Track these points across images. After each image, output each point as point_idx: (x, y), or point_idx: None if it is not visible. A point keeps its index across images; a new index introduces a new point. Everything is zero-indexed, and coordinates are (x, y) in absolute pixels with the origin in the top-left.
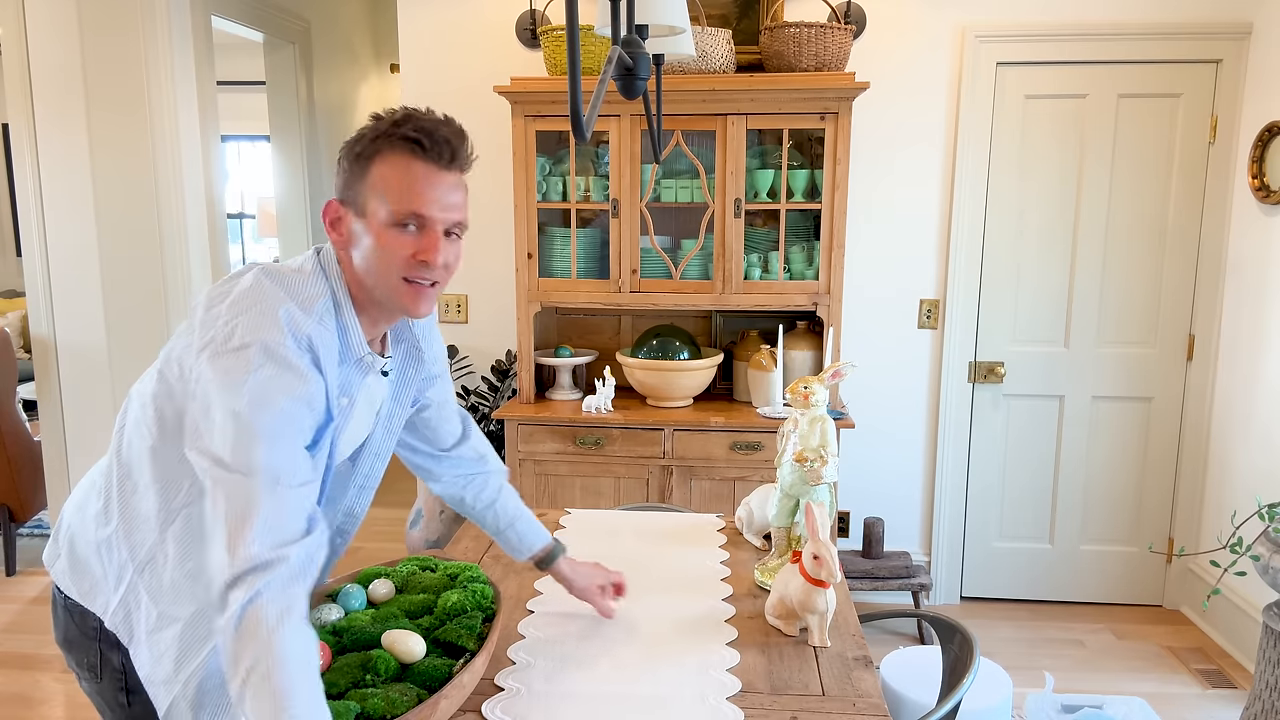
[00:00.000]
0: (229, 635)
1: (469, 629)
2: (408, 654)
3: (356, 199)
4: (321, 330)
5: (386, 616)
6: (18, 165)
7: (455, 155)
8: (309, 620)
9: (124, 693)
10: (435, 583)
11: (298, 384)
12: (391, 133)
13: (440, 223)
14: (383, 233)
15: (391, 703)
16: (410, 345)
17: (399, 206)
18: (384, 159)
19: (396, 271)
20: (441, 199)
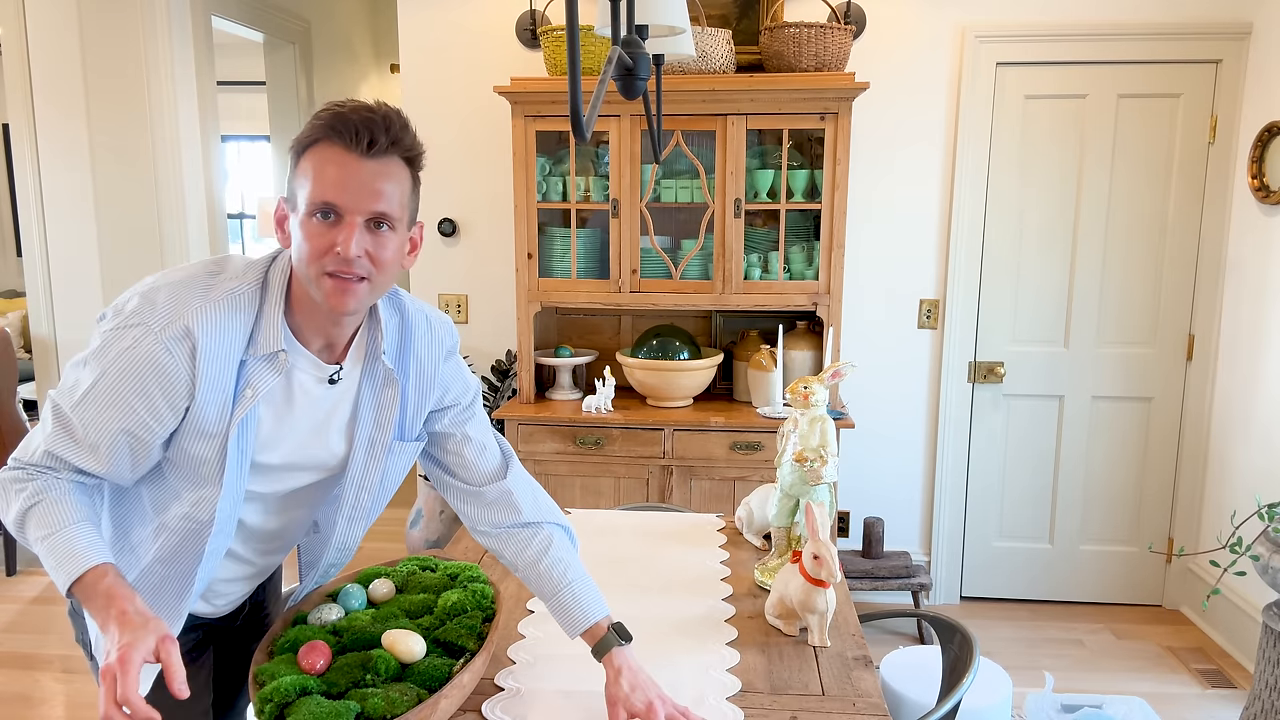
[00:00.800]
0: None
1: (469, 629)
2: (408, 654)
3: (292, 195)
4: (211, 313)
5: (386, 616)
6: (18, 165)
7: (374, 142)
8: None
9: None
10: (435, 583)
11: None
12: (315, 123)
13: (355, 212)
14: (304, 224)
15: (391, 702)
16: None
17: (313, 196)
18: (310, 151)
19: (317, 265)
20: (355, 185)
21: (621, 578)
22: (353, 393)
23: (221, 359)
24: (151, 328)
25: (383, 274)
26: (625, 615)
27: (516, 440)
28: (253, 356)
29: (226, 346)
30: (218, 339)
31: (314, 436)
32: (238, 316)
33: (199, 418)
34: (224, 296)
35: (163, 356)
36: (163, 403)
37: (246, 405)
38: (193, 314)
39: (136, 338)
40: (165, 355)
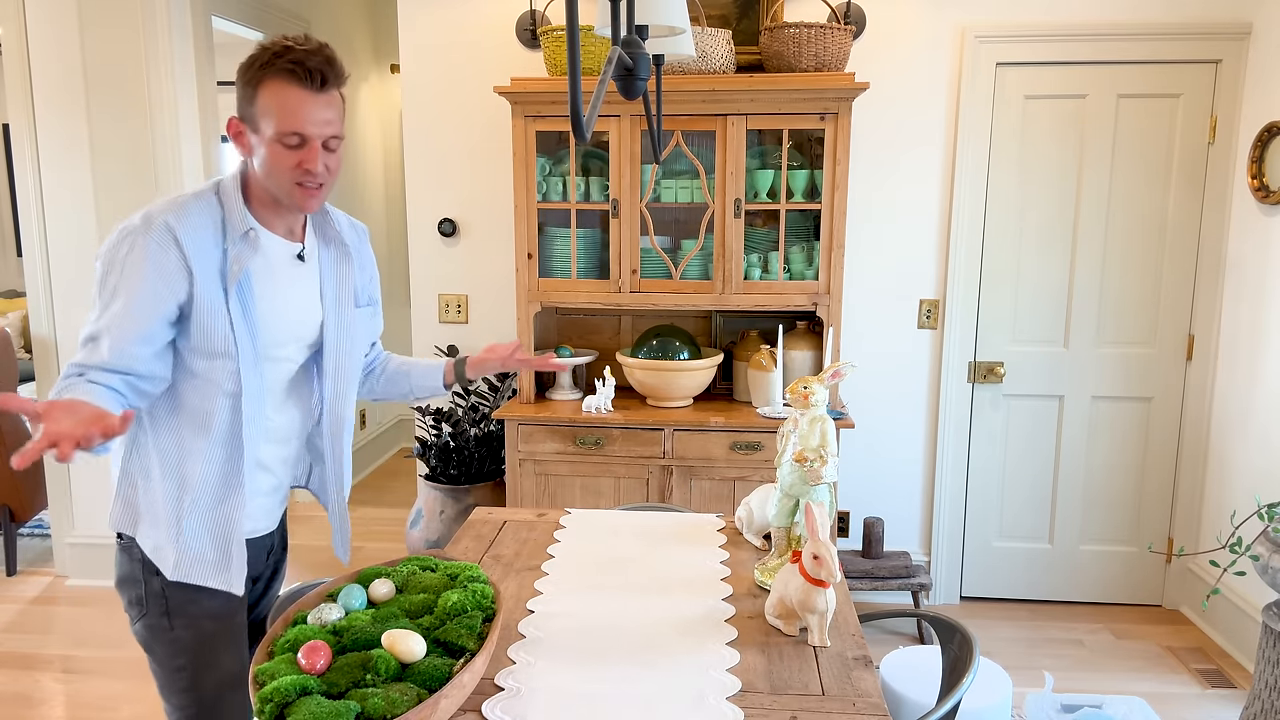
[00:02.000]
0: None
1: (469, 629)
2: (408, 654)
3: (251, 118)
4: (183, 214)
5: (387, 616)
6: (18, 165)
7: (326, 80)
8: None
9: (165, 616)
10: (435, 583)
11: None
12: (272, 63)
13: (317, 138)
14: (272, 148)
15: (392, 702)
16: (338, 246)
17: (282, 128)
18: (268, 86)
19: (288, 179)
20: (317, 118)
21: (621, 578)
22: (317, 269)
23: (203, 244)
24: (138, 234)
25: (332, 180)
26: (625, 615)
27: (516, 440)
28: (231, 242)
29: (204, 234)
30: (194, 228)
31: (297, 310)
32: (205, 211)
33: (202, 295)
34: (188, 199)
35: (157, 252)
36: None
37: (236, 275)
38: (168, 215)
39: (131, 244)
40: (159, 250)
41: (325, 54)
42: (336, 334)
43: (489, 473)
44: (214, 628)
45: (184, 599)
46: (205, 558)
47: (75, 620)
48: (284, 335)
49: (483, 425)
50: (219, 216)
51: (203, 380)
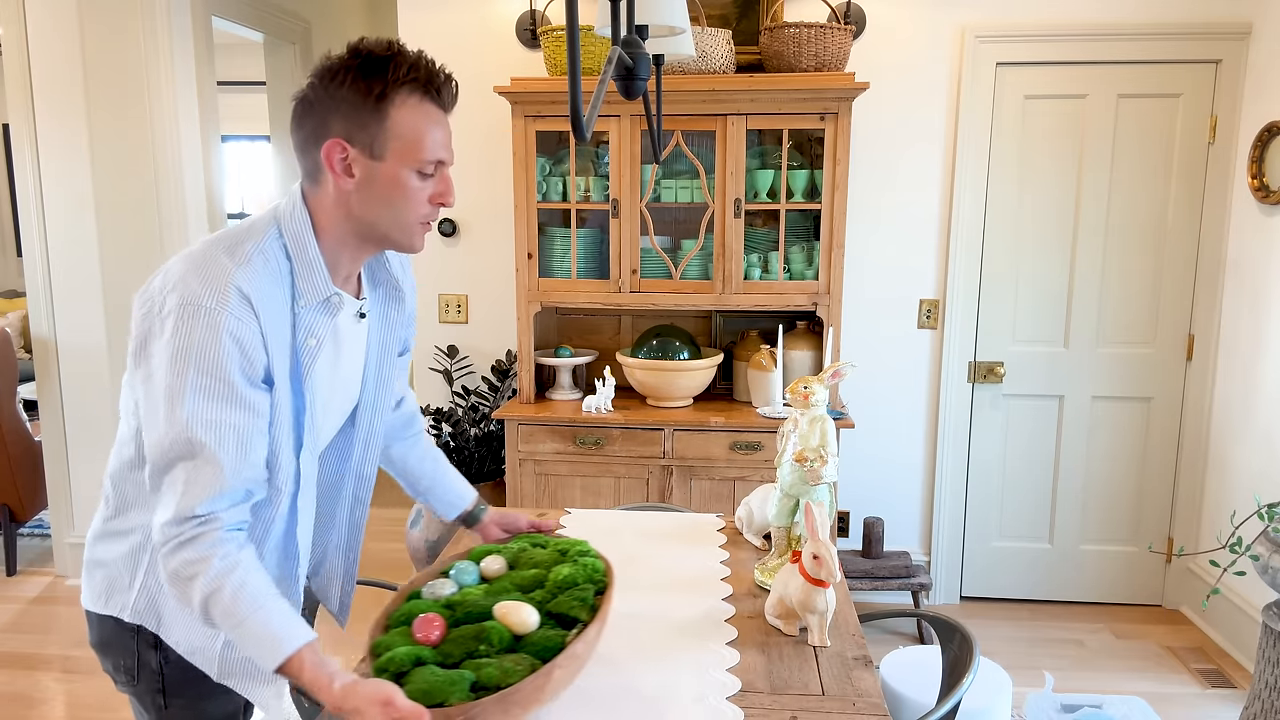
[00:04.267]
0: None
1: (580, 600)
2: (521, 625)
3: (372, 141)
4: (251, 272)
5: (499, 591)
6: (18, 165)
7: (455, 100)
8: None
9: (160, 694)
10: (546, 558)
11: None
12: (406, 78)
13: (449, 164)
14: (408, 178)
15: (506, 672)
16: (390, 287)
17: (429, 155)
18: (404, 105)
19: (415, 214)
20: (449, 143)
21: (621, 578)
22: (377, 324)
23: (274, 312)
24: (211, 307)
25: None
26: (625, 615)
27: (517, 440)
28: (304, 308)
29: (275, 300)
30: (266, 293)
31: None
32: (274, 267)
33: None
34: (253, 255)
35: (236, 326)
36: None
37: (313, 352)
38: (239, 277)
39: (207, 325)
40: (237, 324)
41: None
42: (375, 391)
43: (489, 473)
44: (212, 708)
45: (185, 679)
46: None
47: (75, 620)
48: (335, 409)
49: (483, 425)
50: (286, 271)
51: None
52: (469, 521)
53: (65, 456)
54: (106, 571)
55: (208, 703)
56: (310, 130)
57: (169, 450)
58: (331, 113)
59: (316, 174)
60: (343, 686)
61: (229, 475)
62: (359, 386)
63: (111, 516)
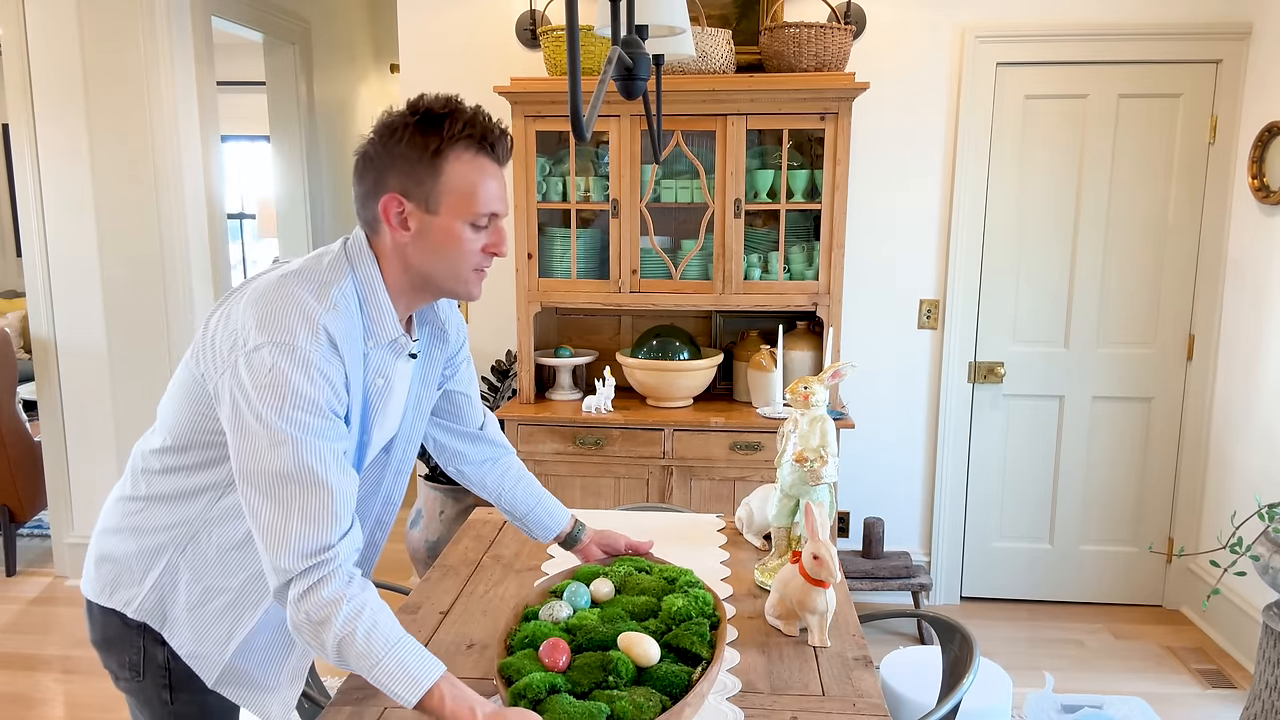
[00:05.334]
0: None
1: (700, 636)
2: (644, 657)
3: (427, 196)
4: (337, 316)
5: (614, 617)
6: (18, 165)
7: (509, 154)
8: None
9: (167, 690)
10: (652, 585)
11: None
12: (462, 135)
13: (503, 216)
14: (461, 230)
15: (639, 707)
16: (435, 326)
17: (482, 209)
18: (458, 160)
19: (472, 264)
20: (503, 195)
21: None
22: (421, 360)
23: (353, 354)
24: (304, 348)
25: None
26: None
27: (516, 440)
28: (373, 348)
29: (353, 342)
30: (347, 335)
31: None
32: (350, 308)
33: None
34: (337, 298)
35: (326, 367)
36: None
37: (382, 392)
38: (325, 319)
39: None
40: (328, 365)
41: (500, 126)
42: (412, 424)
43: None
44: (221, 704)
45: (192, 673)
46: (255, 680)
47: (75, 620)
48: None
49: None
50: (360, 314)
51: None
52: (568, 543)
53: (65, 457)
54: (116, 566)
55: (211, 695)
56: (370, 184)
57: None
58: (389, 168)
59: (376, 226)
60: (485, 716)
61: (338, 498)
62: (399, 419)
63: (136, 512)
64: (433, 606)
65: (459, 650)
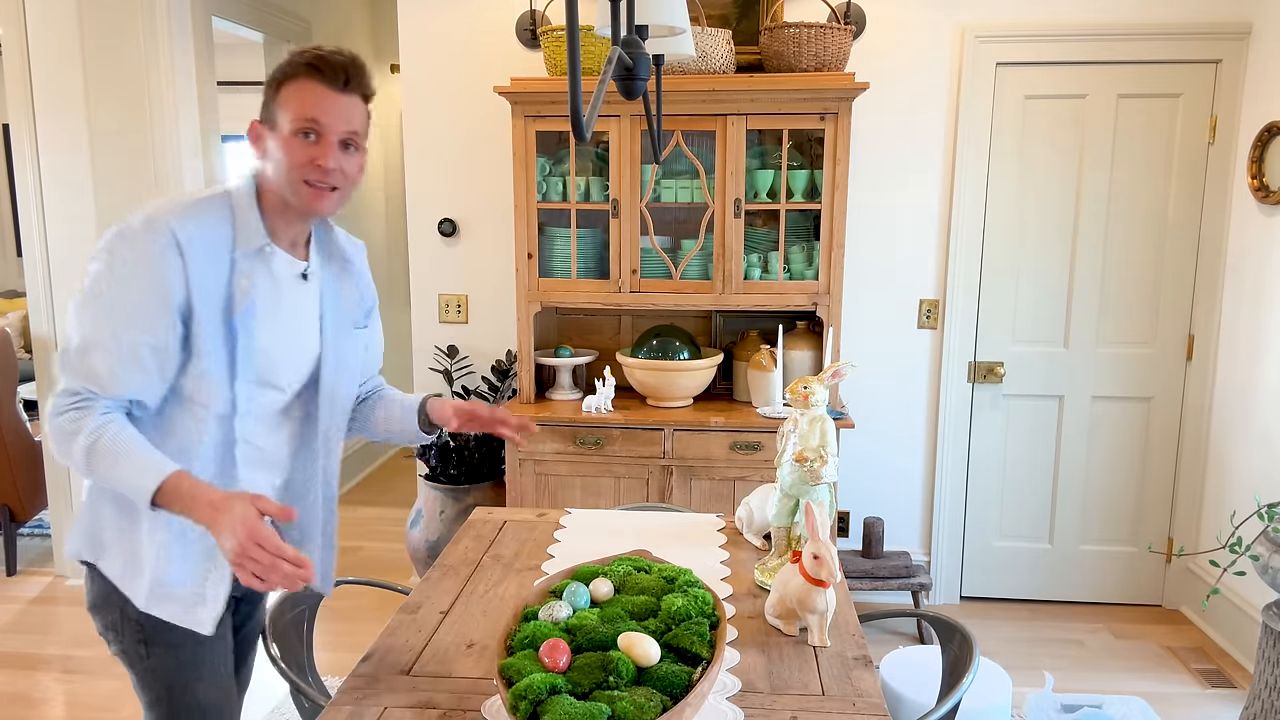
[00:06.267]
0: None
1: (700, 636)
2: (644, 658)
3: (271, 117)
4: (188, 220)
5: (613, 617)
6: (18, 165)
7: (349, 79)
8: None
9: (142, 644)
10: (652, 584)
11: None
12: (296, 60)
13: (333, 131)
14: (287, 143)
15: (640, 708)
16: (341, 264)
17: (298, 116)
18: (290, 83)
19: (298, 175)
20: (335, 112)
21: None
22: (318, 289)
23: (208, 254)
24: (139, 237)
25: (348, 185)
26: None
27: None
28: (241, 254)
29: (211, 243)
30: (201, 236)
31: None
32: (214, 218)
33: (201, 311)
34: (195, 201)
35: (159, 260)
36: (168, 302)
37: (246, 292)
38: (172, 217)
39: (131, 248)
40: (160, 258)
41: (351, 57)
42: (335, 361)
43: (489, 473)
44: (193, 654)
45: (161, 625)
46: (179, 595)
47: (75, 620)
48: (282, 359)
49: None
50: (229, 225)
51: (191, 402)
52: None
53: None
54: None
55: (185, 649)
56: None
57: (72, 348)
58: (262, 104)
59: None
60: (210, 502)
61: (110, 380)
62: (317, 346)
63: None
64: (433, 606)
65: (459, 650)
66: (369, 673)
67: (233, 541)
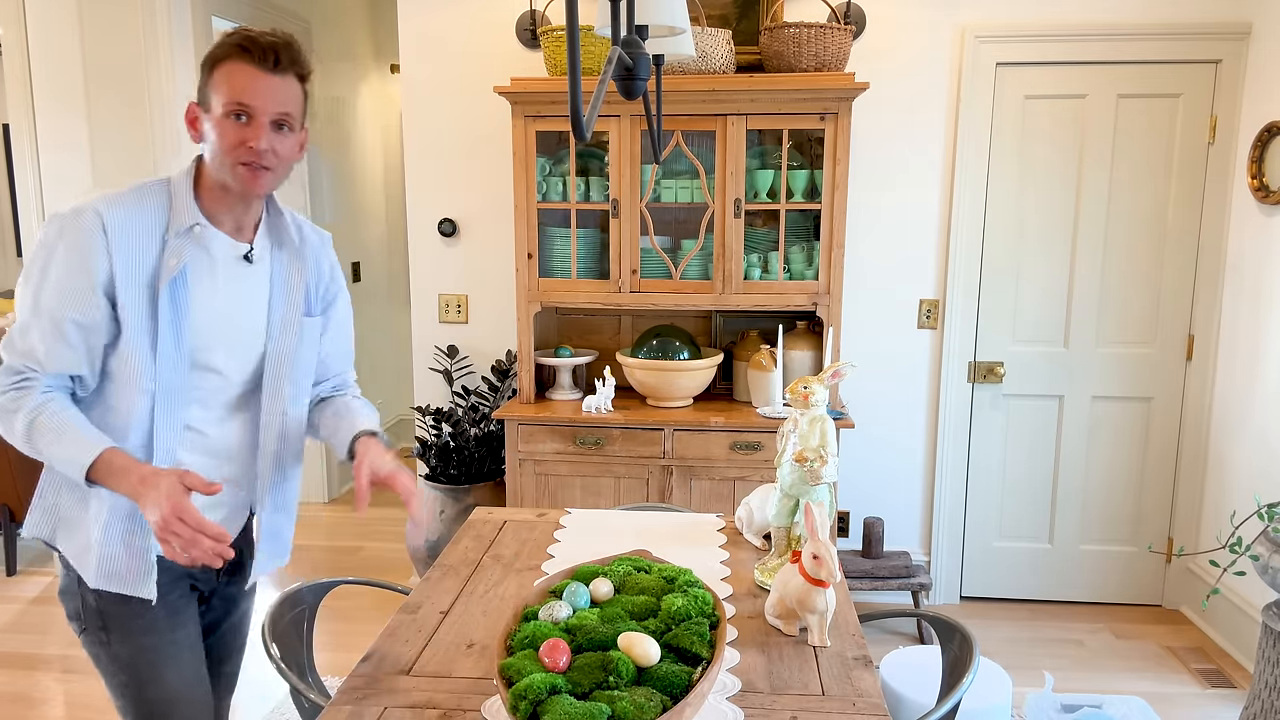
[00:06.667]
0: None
1: (700, 636)
2: (644, 657)
3: (204, 100)
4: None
5: (613, 617)
6: (18, 165)
7: (279, 59)
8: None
9: (103, 630)
10: (652, 584)
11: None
12: (225, 42)
13: (264, 113)
14: (219, 125)
15: (639, 708)
16: (293, 250)
17: (228, 99)
18: (222, 65)
19: (232, 157)
20: (265, 93)
21: None
22: (267, 274)
23: (136, 235)
24: (66, 221)
25: (283, 165)
26: None
27: (517, 440)
28: (174, 234)
29: (139, 225)
30: (126, 218)
31: (236, 314)
32: (147, 202)
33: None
34: (129, 190)
35: (83, 241)
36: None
37: (172, 269)
38: (101, 204)
39: (59, 231)
40: (85, 239)
41: (281, 37)
42: (280, 344)
43: (489, 473)
44: (153, 642)
45: (119, 612)
46: (123, 567)
47: None
48: (216, 339)
49: (483, 425)
50: (163, 209)
51: (122, 381)
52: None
53: None
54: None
55: (144, 638)
56: None
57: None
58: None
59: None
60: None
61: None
62: (263, 336)
63: None
64: (433, 606)
65: (459, 650)
66: (369, 673)
67: (156, 515)
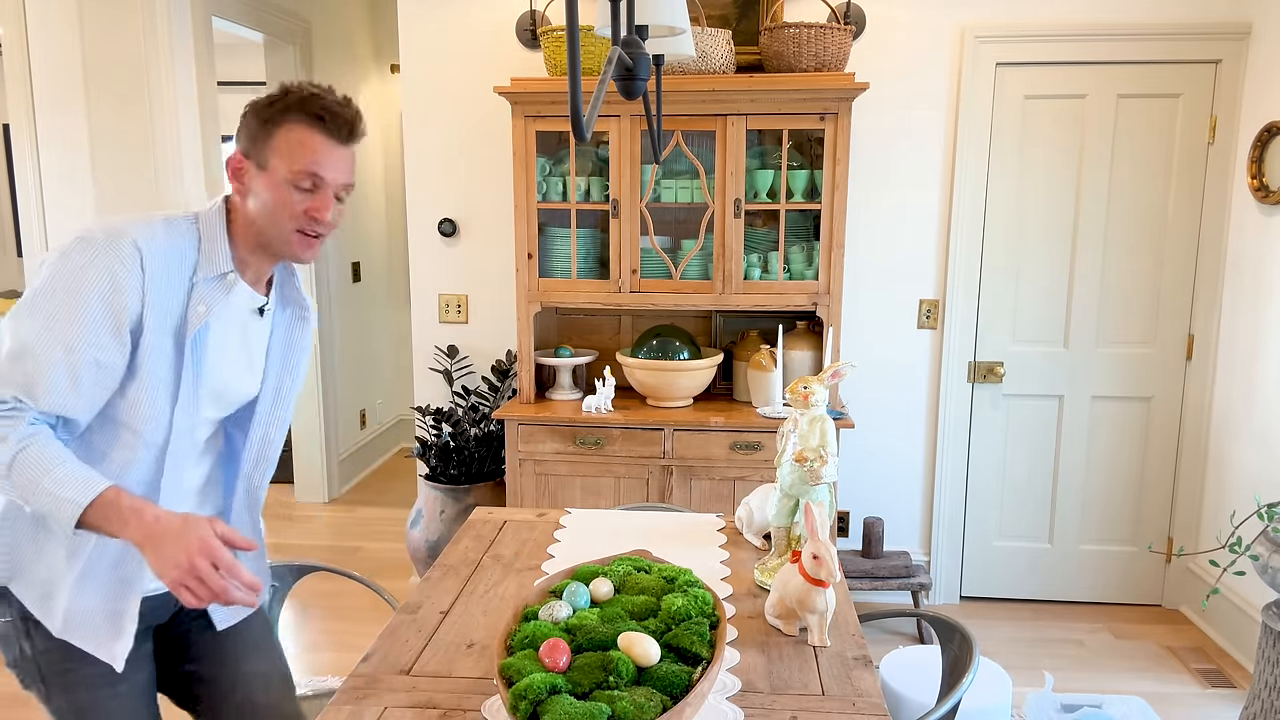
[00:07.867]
0: None
1: (700, 636)
2: (644, 657)
3: (259, 155)
4: (154, 238)
5: (613, 617)
6: (18, 165)
7: (352, 133)
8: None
9: (41, 683)
10: (652, 584)
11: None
12: (299, 106)
13: (332, 186)
14: (280, 189)
15: (639, 708)
16: (298, 306)
17: (298, 167)
18: (290, 126)
19: (290, 225)
20: (339, 167)
21: None
22: (269, 329)
23: (167, 275)
24: (100, 250)
25: (330, 233)
26: None
27: (517, 440)
28: (202, 279)
29: (172, 264)
30: (163, 254)
31: (239, 367)
32: (179, 239)
33: (151, 332)
34: (161, 221)
35: (116, 266)
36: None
37: (201, 317)
38: (136, 232)
39: (90, 259)
40: (118, 265)
41: (355, 109)
42: (273, 402)
43: (489, 473)
44: (91, 698)
45: (59, 667)
46: (94, 624)
47: None
48: (220, 390)
49: (483, 425)
50: (193, 249)
51: (122, 427)
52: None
53: None
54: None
55: (82, 693)
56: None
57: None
58: (242, 134)
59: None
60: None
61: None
62: (258, 385)
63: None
64: (433, 606)
65: (459, 650)
66: (369, 673)
67: (179, 561)
